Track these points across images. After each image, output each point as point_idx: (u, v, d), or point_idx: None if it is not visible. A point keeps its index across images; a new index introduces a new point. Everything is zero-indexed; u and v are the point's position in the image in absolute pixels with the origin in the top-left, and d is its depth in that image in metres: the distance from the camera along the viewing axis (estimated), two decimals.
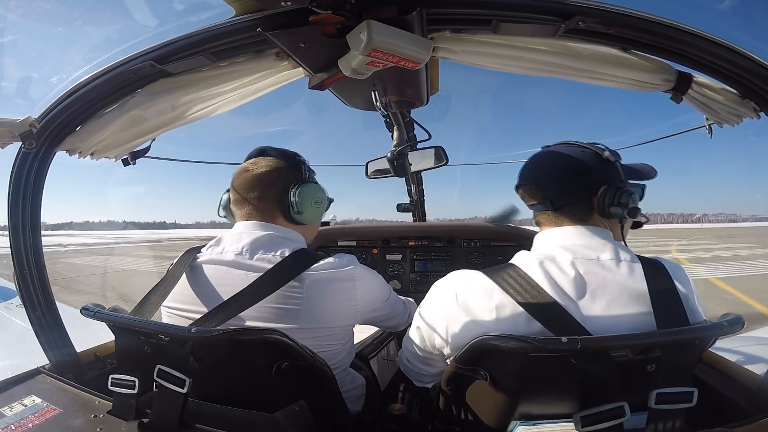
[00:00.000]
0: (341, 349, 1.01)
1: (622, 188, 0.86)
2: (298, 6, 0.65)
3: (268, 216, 1.01)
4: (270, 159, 1.04)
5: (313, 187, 1.03)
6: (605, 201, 0.86)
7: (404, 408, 1.26)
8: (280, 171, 1.02)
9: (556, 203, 0.88)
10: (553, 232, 0.89)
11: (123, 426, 0.80)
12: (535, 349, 0.67)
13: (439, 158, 1.80)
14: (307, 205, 1.01)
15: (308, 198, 1.01)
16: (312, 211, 1.02)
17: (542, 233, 0.92)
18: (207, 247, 1.00)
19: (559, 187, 0.89)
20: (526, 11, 0.69)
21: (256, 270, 0.92)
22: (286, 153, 1.06)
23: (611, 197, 0.85)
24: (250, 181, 1.01)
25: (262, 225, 1.00)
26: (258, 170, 1.01)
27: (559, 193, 0.89)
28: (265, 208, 1.01)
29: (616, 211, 0.85)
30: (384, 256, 2.14)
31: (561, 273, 0.79)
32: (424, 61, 0.75)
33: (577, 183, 0.88)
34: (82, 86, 0.87)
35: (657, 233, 48.74)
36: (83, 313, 0.89)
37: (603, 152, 0.89)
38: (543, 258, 0.82)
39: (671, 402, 0.66)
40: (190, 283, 0.95)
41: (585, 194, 0.88)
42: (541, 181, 0.92)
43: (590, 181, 0.87)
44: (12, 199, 0.97)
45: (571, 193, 0.88)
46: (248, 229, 0.99)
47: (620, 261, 0.81)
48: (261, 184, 1.01)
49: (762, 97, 0.78)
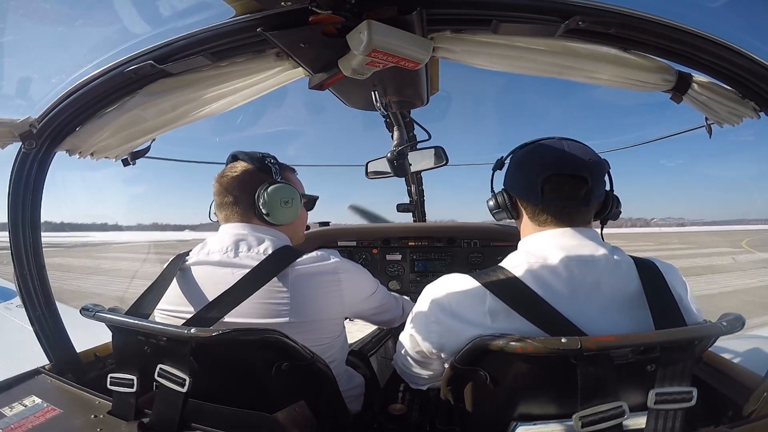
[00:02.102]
0: (332, 343, 1.02)
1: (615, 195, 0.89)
2: (298, 6, 0.65)
3: (244, 218, 1.05)
4: (240, 164, 1.07)
5: (279, 188, 1.03)
6: (612, 205, 0.88)
7: (404, 408, 1.26)
8: (249, 174, 1.05)
9: (592, 200, 0.85)
10: (550, 233, 0.86)
11: (123, 426, 0.80)
12: (535, 349, 0.67)
13: (439, 158, 1.80)
14: (275, 206, 1.02)
15: (275, 199, 1.02)
16: (281, 211, 1.04)
17: (535, 234, 0.88)
18: (194, 250, 1.03)
19: (601, 184, 0.87)
20: (526, 11, 0.69)
21: (241, 267, 0.94)
22: (254, 156, 1.08)
23: (617, 202, 0.88)
24: (224, 186, 1.06)
25: (241, 225, 1.03)
26: (229, 176, 1.06)
27: (598, 189, 0.86)
28: (240, 211, 1.05)
29: (615, 215, 0.86)
30: (384, 256, 2.14)
31: (554, 275, 0.79)
32: (424, 61, 0.75)
33: (604, 183, 0.88)
34: (82, 86, 0.87)
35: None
36: (83, 314, 0.89)
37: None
38: (534, 260, 0.81)
39: (671, 402, 0.66)
40: (180, 284, 0.98)
41: (604, 195, 0.89)
42: (590, 176, 0.83)
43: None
44: (12, 199, 0.97)
45: (602, 191, 0.88)
46: (229, 230, 1.03)
47: (614, 261, 0.81)
48: (233, 189, 1.04)
49: (762, 97, 0.78)
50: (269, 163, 1.07)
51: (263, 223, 1.05)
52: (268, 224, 1.05)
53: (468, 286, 0.83)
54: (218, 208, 1.08)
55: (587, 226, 0.87)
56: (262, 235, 1.02)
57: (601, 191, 0.88)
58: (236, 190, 1.04)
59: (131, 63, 0.81)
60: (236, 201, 1.04)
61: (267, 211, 1.02)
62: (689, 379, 0.67)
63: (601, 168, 0.86)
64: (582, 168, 0.83)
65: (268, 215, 1.02)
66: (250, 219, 1.05)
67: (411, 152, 1.73)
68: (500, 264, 0.85)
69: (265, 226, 1.05)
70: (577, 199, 0.84)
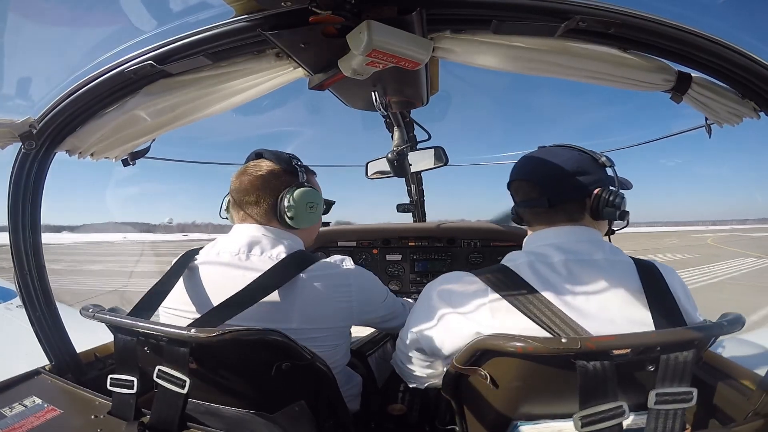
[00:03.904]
0: (337, 350, 1.01)
1: (615, 191, 0.87)
2: (298, 6, 0.65)
3: (264, 219, 1.02)
4: (265, 162, 1.04)
5: (307, 192, 1.01)
6: (600, 202, 0.87)
7: (404, 408, 1.27)
8: (275, 175, 1.02)
9: (552, 200, 0.88)
10: (545, 232, 0.89)
11: (123, 426, 0.80)
12: (535, 349, 0.67)
13: (439, 158, 1.80)
14: (301, 210, 1.00)
15: (301, 202, 0.99)
16: (306, 216, 1.01)
17: (534, 233, 0.92)
18: (204, 249, 1.01)
19: (556, 184, 0.89)
20: (525, 11, 0.69)
21: (252, 270, 0.92)
22: (281, 156, 1.05)
23: (606, 199, 0.86)
24: (246, 185, 1.02)
25: (257, 227, 1.00)
26: (253, 174, 1.02)
27: (556, 191, 0.89)
28: (260, 212, 1.02)
29: (609, 212, 0.86)
30: (384, 256, 2.14)
31: (554, 273, 0.79)
32: (424, 61, 0.75)
33: (574, 182, 0.88)
34: (82, 86, 0.87)
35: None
36: (82, 314, 0.89)
37: (600, 157, 0.91)
38: (534, 258, 0.82)
39: (671, 402, 0.66)
40: (188, 284, 0.96)
41: (580, 194, 0.89)
42: (539, 178, 0.92)
43: (586, 182, 0.88)
44: (12, 199, 0.97)
45: (567, 190, 0.89)
46: (244, 231, 1.00)
47: (614, 261, 0.82)
48: (256, 189, 1.01)
49: (762, 97, 0.78)
50: (296, 165, 1.04)
51: (282, 226, 1.02)
52: (286, 227, 1.02)
53: (469, 283, 0.84)
54: (235, 207, 1.04)
55: (580, 225, 0.88)
56: (278, 238, 1.00)
57: (567, 192, 0.88)
58: (260, 190, 1.01)
59: (131, 63, 0.81)
60: (258, 201, 1.01)
61: (292, 215, 0.99)
62: (689, 380, 0.67)
63: (558, 171, 0.88)
64: (530, 173, 0.93)
65: (292, 219, 0.99)
66: (269, 221, 1.02)
67: (411, 152, 1.72)
68: (501, 261, 0.86)
69: (283, 230, 1.02)
70: (533, 201, 0.90)
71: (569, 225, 0.88)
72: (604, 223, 0.93)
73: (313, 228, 1.14)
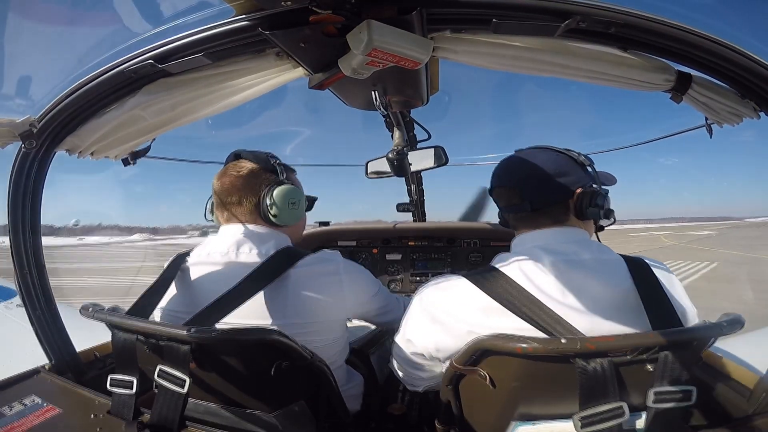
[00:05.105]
0: (333, 344, 1.02)
1: (597, 190, 0.87)
2: (298, 6, 0.65)
3: (249, 219, 1.04)
4: (245, 163, 1.05)
5: (288, 189, 1.02)
6: (582, 202, 0.87)
7: (404, 408, 1.27)
8: (255, 174, 1.04)
9: (535, 204, 0.88)
10: (532, 235, 0.89)
11: (123, 426, 0.80)
12: (535, 349, 0.67)
13: (439, 158, 1.80)
14: (283, 207, 1.01)
15: (283, 200, 1.01)
16: (289, 213, 1.03)
17: (520, 236, 0.92)
18: (195, 251, 1.03)
19: (537, 188, 0.89)
20: (525, 11, 0.69)
21: (243, 268, 0.93)
22: (259, 156, 1.07)
23: (588, 198, 0.86)
24: (228, 186, 1.03)
25: (243, 227, 1.02)
26: (234, 175, 1.04)
27: (537, 194, 0.89)
28: (244, 211, 1.03)
29: (593, 212, 0.86)
30: (384, 256, 2.14)
31: (543, 274, 0.79)
32: (424, 61, 0.75)
33: (555, 184, 0.88)
34: (82, 86, 0.87)
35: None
36: (82, 313, 0.89)
37: (578, 156, 0.91)
38: (523, 260, 0.82)
39: (670, 401, 0.66)
40: (180, 285, 0.98)
41: (562, 195, 0.89)
42: (520, 183, 0.92)
43: (567, 182, 0.88)
44: (12, 199, 0.97)
45: (549, 193, 0.89)
46: (231, 231, 1.02)
47: (603, 260, 0.82)
48: (238, 190, 1.03)
49: (762, 97, 0.78)
50: (275, 164, 1.06)
51: (266, 224, 1.04)
52: (271, 225, 1.04)
53: (461, 286, 0.84)
54: (219, 209, 1.06)
55: (566, 226, 0.88)
56: (265, 236, 1.02)
57: (549, 195, 0.88)
58: (241, 190, 1.03)
59: (131, 63, 0.81)
60: (240, 201, 1.03)
61: (275, 213, 1.01)
62: (689, 380, 0.67)
63: (537, 174, 0.88)
64: (509, 178, 0.94)
65: (275, 216, 1.01)
66: (254, 220, 1.04)
67: (411, 152, 1.73)
68: (491, 263, 0.86)
69: (268, 227, 1.04)
70: (515, 206, 0.90)
71: (555, 227, 0.88)
72: (590, 222, 0.93)
73: (299, 225, 1.16)
